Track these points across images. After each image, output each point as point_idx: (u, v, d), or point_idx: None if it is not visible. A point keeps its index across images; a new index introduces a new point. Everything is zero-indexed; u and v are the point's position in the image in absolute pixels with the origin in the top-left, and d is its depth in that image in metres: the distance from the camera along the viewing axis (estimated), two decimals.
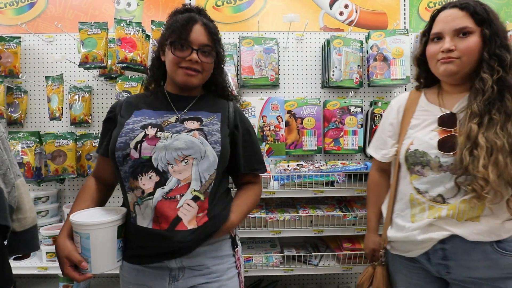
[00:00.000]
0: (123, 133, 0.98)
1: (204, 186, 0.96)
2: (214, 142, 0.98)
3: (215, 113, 1.08)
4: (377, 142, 1.25)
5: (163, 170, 0.93)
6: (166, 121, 1.02)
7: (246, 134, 1.12)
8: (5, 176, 1.05)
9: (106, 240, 0.92)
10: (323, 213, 1.75)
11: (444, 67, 1.01)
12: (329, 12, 2.19)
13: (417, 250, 1.07)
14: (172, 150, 0.94)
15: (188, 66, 1.02)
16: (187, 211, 0.94)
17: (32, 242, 1.13)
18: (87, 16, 2.14)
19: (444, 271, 1.04)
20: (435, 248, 1.03)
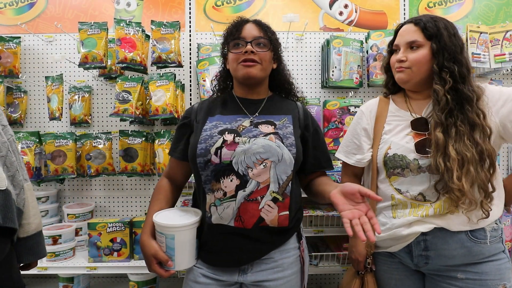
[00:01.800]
0: (202, 140, 1.03)
1: (282, 188, 1.01)
2: (290, 145, 1.02)
3: (286, 115, 1.12)
4: (349, 147, 1.27)
5: (243, 174, 0.98)
6: (241, 126, 1.06)
7: (315, 134, 1.16)
8: (14, 178, 1.05)
9: (188, 240, 1.01)
10: (323, 213, 1.75)
11: (398, 75, 1.13)
12: (328, 12, 2.19)
13: (400, 244, 1.13)
14: (251, 154, 0.99)
15: (245, 59, 1.05)
16: (268, 212, 0.99)
17: (36, 249, 1.11)
18: (87, 16, 2.14)
19: (423, 262, 1.10)
20: (417, 240, 1.09)
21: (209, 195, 1.02)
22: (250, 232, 0.99)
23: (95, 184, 2.11)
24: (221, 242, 1.03)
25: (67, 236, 1.77)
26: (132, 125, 2.09)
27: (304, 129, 1.13)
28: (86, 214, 1.93)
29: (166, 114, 1.80)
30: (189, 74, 2.07)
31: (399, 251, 1.14)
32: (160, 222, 1.00)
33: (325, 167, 1.18)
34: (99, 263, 1.71)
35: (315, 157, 1.15)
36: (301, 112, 1.16)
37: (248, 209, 0.98)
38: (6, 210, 0.96)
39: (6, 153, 1.05)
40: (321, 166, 1.17)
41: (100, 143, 1.94)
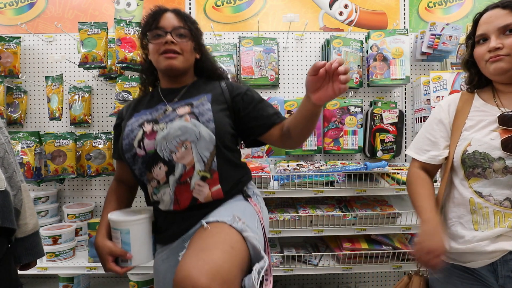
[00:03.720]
0: (125, 136, 1.05)
1: (207, 165, 1.01)
2: (207, 121, 1.01)
3: (205, 94, 1.10)
4: (422, 143, 1.14)
5: (168, 159, 0.99)
6: (160, 114, 1.06)
7: (246, 97, 1.12)
8: (11, 179, 1.06)
9: (144, 234, 1.03)
10: (323, 213, 1.75)
11: (494, 66, 1.00)
12: (328, 12, 2.19)
13: (482, 260, 0.99)
14: (170, 138, 0.99)
15: (166, 49, 1.04)
16: (199, 191, 1.00)
17: (34, 249, 1.11)
18: (87, 16, 2.14)
19: (511, 284, 0.97)
20: (504, 258, 0.96)
21: (148, 185, 1.05)
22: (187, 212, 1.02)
23: (95, 184, 2.11)
24: (167, 222, 1.05)
25: (67, 236, 1.77)
26: None
27: (233, 99, 1.11)
28: (86, 214, 1.93)
29: None
30: None
31: (480, 268, 1.00)
32: (114, 218, 1.02)
33: (276, 119, 1.10)
34: (99, 263, 1.70)
35: (259, 116, 1.09)
36: (224, 86, 1.14)
37: (181, 191, 1.00)
38: (4, 210, 0.97)
39: (3, 155, 1.05)
40: (273, 121, 1.09)
41: (100, 143, 1.94)
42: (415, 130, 2.11)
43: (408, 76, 1.96)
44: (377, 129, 2.00)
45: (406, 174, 1.20)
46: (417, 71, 2.16)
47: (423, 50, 2.00)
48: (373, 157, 2.02)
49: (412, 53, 2.11)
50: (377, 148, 1.99)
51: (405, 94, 2.16)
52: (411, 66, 2.13)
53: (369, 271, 2.10)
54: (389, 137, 1.99)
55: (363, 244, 1.80)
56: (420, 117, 2.02)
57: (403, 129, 2.10)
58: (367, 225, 1.74)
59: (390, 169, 1.80)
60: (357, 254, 1.76)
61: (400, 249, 1.77)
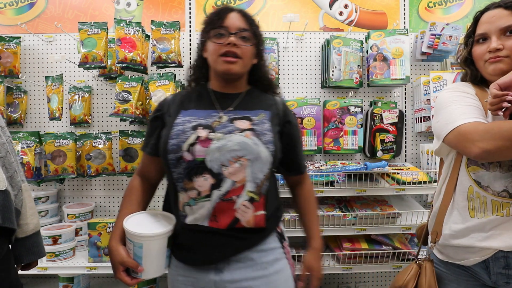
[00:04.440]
0: (174, 135, 0.97)
1: (258, 187, 0.96)
2: (267, 142, 0.96)
3: (264, 110, 1.05)
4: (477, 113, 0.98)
5: (217, 172, 0.93)
6: (216, 121, 0.99)
7: (296, 131, 1.11)
8: (12, 179, 1.06)
9: (158, 250, 0.96)
10: (323, 213, 1.75)
11: (493, 67, 0.99)
12: (328, 12, 2.19)
13: (474, 258, 1.00)
14: (225, 151, 0.93)
15: (227, 51, 0.99)
16: (244, 212, 0.95)
17: (35, 249, 1.11)
18: (87, 16, 2.14)
19: (503, 281, 0.97)
20: (496, 256, 0.96)
21: (181, 194, 0.97)
22: (225, 234, 0.95)
23: (95, 184, 2.11)
24: (196, 241, 0.98)
25: (67, 236, 1.77)
26: (132, 125, 2.09)
27: (284, 126, 1.07)
28: (86, 214, 1.93)
29: None
30: None
31: (473, 265, 1.01)
32: (129, 229, 0.94)
33: (302, 172, 1.16)
34: (99, 263, 1.71)
35: (296, 157, 1.12)
36: (280, 107, 1.09)
37: (223, 209, 0.94)
38: (5, 210, 0.97)
39: (5, 154, 1.05)
40: (300, 170, 1.15)
41: (100, 143, 1.94)
42: (415, 130, 2.11)
43: (408, 76, 1.96)
44: (377, 129, 2.00)
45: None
46: (417, 71, 2.16)
47: (423, 50, 2.00)
48: (373, 157, 2.02)
49: (412, 53, 2.11)
50: (377, 148, 1.99)
51: (405, 94, 2.16)
52: (411, 66, 2.13)
53: (369, 271, 2.10)
54: (389, 137, 1.99)
55: (363, 244, 1.80)
56: (420, 117, 2.02)
57: (403, 129, 2.10)
58: (367, 225, 1.74)
59: (390, 169, 1.80)
60: (357, 254, 1.76)
61: (400, 249, 1.77)
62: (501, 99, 0.89)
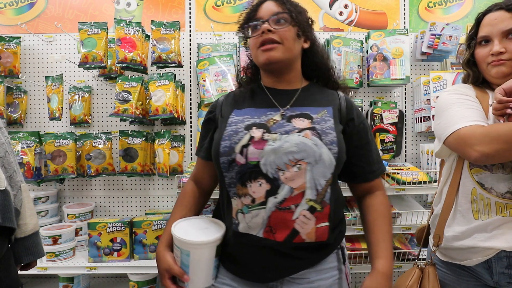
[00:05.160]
0: (226, 136, 0.89)
1: (320, 195, 0.84)
2: (330, 143, 0.85)
3: (325, 107, 0.93)
4: (476, 116, 0.97)
5: (273, 177, 0.83)
6: (271, 120, 0.90)
7: (362, 129, 0.96)
8: (12, 179, 1.06)
9: (205, 259, 0.90)
10: None
11: (496, 70, 0.99)
12: (328, 12, 2.19)
13: (477, 258, 0.99)
14: (282, 154, 0.83)
15: (263, 41, 0.90)
16: (304, 224, 0.83)
17: (34, 249, 1.11)
18: (87, 16, 2.14)
19: (505, 280, 0.97)
20: (499, 256, 0.96)
21: (235, 200, 0.88)
22: (280, 246, 0.85)
23: (95, 184, 2.11)
24: (248, 253, 0.88)
25: (67, 236, 1.77)
26: (132, 125, 2.09)
27: (347, 124, 0.94)
28: (86, 214, 1.93)
29: (166, 114, 1.80)
30: (189, 74, 2.07)
31: (475, 266, 1.00)
32: (176, 235, 0.89)
33: (376, 171, 0.98)
34: (99, 263, 1.71)
35: (361, 161, 0.96)
36: (343, 102, 0.96)
37: (280, 219, 0.83)
38: (5, 210, 0.97)
39: (4, 154, 1.05)
40: (373, 170, 0.97)
41: (100, 143, 1.94)
42: (415, 130, 2.11)
43: (408, 76, 1.95)
44: (377, 129, 2.00)
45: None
46: (417, 71, 2.16)
47: (423, 50, 2.00)
48: None
49: (412, 53, 2.11)
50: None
51: (405, 94, 2.16)
52: (411, 66, 2.13)
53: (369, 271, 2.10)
54: (389, 137, 1.99)
55: (363, 244, 1.80)
56: (420, 117, 2.02)
57: (403, 129, 2.10)
58: None
59: (390, 169, 1.80)
60: (357, 254, 1.75)
61: (400, 249, 1.77)
62: (505, 105, 0.89)
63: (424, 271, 1.09)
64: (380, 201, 0.97)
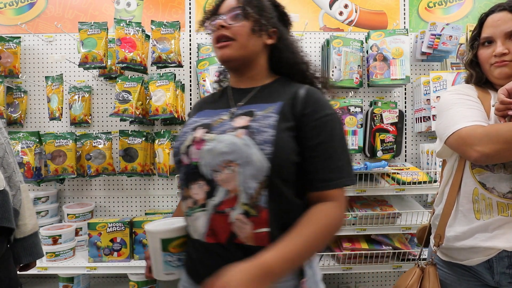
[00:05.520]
0: (178, 138, 0.89)
1: (253, 198, 0.77)
2: (263, 142, 0.77)
3: (275, 102, 0.85)
4: (477, 116, 0.97)
5: (210, 179, 0.79)
6: (219, 120, 0.87)
7: (318, 126, 0.82)
8: (11, 179, 1.06)
9: (153, 249, 0.90)
10: None
11: (499, 71, 0.99)
12: (328, 12, 2.19)
13: (478, 258, 0.99)
14: (216, 154, 0.79)
15: (216, 37, 0.87)
16: (241, 228, 0.78)
17: (33, 249, 1.12)
18: (87, 16, 2.14)
19: (506, 280, 0.97)
20: (500, 255, 0.96)
21: (183, 202, 0.86)
22: (225, 250, 0.79)
23: (95, 184, 2.11)
24: (198, 257, 0.85)
25: (67, 236, 1.77)
26: (132, 125, 2.09)
27: (300, 120, 0.83)
28: (86, 214, 1.93)
29: (166, 114, 1.80)
30: (189, 74, 2.07)
31: (476, 265, 1.00)
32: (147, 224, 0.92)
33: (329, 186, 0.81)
34: (99, 263, 1.71)
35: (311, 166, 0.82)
36: (301, 96, 0.85)
37: (218, 222, 0.79)
38: (3, 210, 0.97)
39: (3, 155, 1.06)
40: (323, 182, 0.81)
41: (100, 143, 1.94)
42: (415, 130, 2.11)
43: (408, 76, 1.95)
44: (377, 129, 2.00)
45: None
46: (417, 71, 2.16)
47: (423, 50, 2.00)
48: (373, 157, 2.02)
49: (412, 53, 2.11)
50: (377, 148, 1.99)
51: (405, 94, 2.16)
52: (411, 66, 2.13)
53: (369, 271, 2.10)
54: (389, 137, 1.99)
55: (363, 244, 1.80)
56: (420, 117, 2.02)
57: (403, 129, 2.10)
58: (367, 225, 1.74)
59: (390, 169, 1.80)
60: (357, 254, 1.75)
61: (400, 249, 1.77)
62: (507, 106, 0.90)
63: (424, 271, 1.09)
64: (320, 209, 0.80)
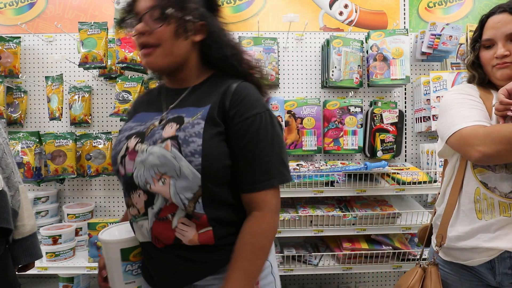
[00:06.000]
0: (114, 146, 0.87)
1: (189, 207, 0.76)
2: (191, 154, 0.74)
3: (204, 106, 0.80)
4: (479, 116, 0.97)
5: (145, 189, 0.79)
6: (151, 126, 0.82)
7: (243, 128, 0.78)
8: (9, 180, 1.06)
9: (111, 259, 0.87)
10: (323, 213, 1.75)
11: (501, 72, 1.00)
12: (328, 12, 2.19)
13: (480, 258, 0.99)
14: (148, 167, 0.77)
15: (139, 44, 0.80)
16: (184, 231, 0.78)
17: (32, 250, 1.12)
18: (87, 16, 2.14)
19: (508, 281, 0.98)
20: (502, 256, 0.97)
21: (128, 210, 0.86)
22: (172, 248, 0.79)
23: (95, 184, 2.11)
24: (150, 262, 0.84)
25: (67, 236, 1.77)
26: None
27: (226, 123, 0.79)
28: (86, 214, 1.93)
29: None
30: None
31: (478, 266, 1.01)
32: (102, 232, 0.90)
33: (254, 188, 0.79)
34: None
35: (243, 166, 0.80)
36: (228, 96, 0.80)
37: (160, 229, 0.78)
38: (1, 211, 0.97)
39: (1, 155, 1.06)
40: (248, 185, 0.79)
41: (100, 143, 1.94)
42: (415, 130, 2.11)
43: (408, 76, 1.95)
44: (377, 129, 2.00)
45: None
46: (417, 71, 2.16)
47: (423, 50, 2.00)
48: (373, 157, 2.02)
49: (412, 53, 2.11)
50: (377, 148, 1.99)
51: (405, 94, 2.16)
52: (411, 66, 2.13)
53: (369, 271, 2.10)
54: (389, 137, 1.99)
55: (363, 244, 1.80)
56: (420, 117, 2.02)
57: (403, 129, 2.10)
58: (367, 225, 1.74)
59: (390, 169, 1.80)
60: (357, 254, 1.76)
61: (400, 249, 1.77)
62: (506, 107, 0.90)
63: (426, 271, 1.09)
64: (250, 230, 0.79)
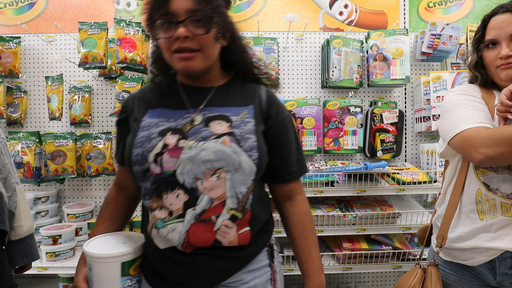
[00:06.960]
0: (139, 143, 0.81)
1: (241, 203, 0.81)
2: (250, 149, 0.80)
3: (246, 106, 0.86)
4: (482, 117, 0.97)
5: (191, 187, 0.78)
6: (188, 124, 0.82)
7: (281, 128, 0.90)
8: (6, 181, 1.06)
9: (107, 276, 0.80)
10: (323, 213, 1.75)
11: (505, 73, 0.99)
12: (328, 12, 2.19)
13: (481, 258, 0.99)
14: (199, 162, 0.77)
15: (179, 48, 0.78)
16: (225, 233, 0.80)
17: (29, 252, 1.11)
18: (87, 16, 2.14)
19: (509, 281, 0.98)
20: (503, 256, 0.97)
21: (151, 213, 0.81)
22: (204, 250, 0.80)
23: (95, 184, 2.11)
24: (173, 265, 0.81)
25: (67, 236, 1.77)
26: None
27: (266, 123, 0.88)
28: (86, 214, 1.93)
29: None
30: None
31: (478, 266, 1.01)
32: (85, 247, 0.82)
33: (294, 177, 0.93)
34: None
35: (280, 161, 0.90)
36: (263, 98, 0.89)
37: (200, 231, 0.78)
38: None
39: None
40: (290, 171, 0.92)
41: (100, 143, 1.94)
42: (415, 130, 2.11)
43: (408, 76, 1.95)
44: (377, 129, 2.00)
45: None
46: (417, 71, 2.16)
47: (423, 50, 2.00)
48: (373, 157, 2.02)
49: (412, 53, 2.11)
50: (377, 148, 1.99)
51: (405, 94, 2.16)
52: (411, 66, 2.13)
53: (369, 271, 2.10)
54: (389, 137, 1.99)
55: (363, 244, 1.80)
56: (420, 117, 2.02)
57: (403, 129, 2.10)
58: (367, 225, 1.74)
59: (390, 169, 1.80)
60: (357, 254, 1.76)
61: (400, 249, 1.77)
62: (506, 109, 0.90)
63: (426, 271, 1.09)
64: (302, 211, 0.94)
